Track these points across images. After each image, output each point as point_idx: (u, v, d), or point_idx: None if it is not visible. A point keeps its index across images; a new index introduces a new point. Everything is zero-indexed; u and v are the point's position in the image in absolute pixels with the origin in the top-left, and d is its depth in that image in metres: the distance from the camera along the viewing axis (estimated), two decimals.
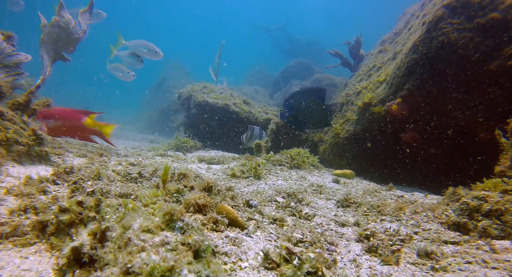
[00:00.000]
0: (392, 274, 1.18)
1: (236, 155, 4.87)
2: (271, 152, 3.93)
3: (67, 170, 2.16)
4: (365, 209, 2.02)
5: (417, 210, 1.92)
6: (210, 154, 4.75)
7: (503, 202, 1.68)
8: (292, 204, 1.89)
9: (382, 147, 4.22)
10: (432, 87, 3.38)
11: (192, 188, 1.62)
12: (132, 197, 1.79)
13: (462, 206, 1.79)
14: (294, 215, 1.79)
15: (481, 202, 1.75)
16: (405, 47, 3.83)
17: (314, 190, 2.58)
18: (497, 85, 3.02)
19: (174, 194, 1.47)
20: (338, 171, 3.69)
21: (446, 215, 1.81)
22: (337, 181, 3.12)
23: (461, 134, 3.45)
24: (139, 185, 2.27)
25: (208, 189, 1.59)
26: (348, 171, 3.66)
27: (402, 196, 2.68)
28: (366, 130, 4.22)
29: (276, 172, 3.31)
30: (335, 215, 1.94)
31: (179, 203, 1.42)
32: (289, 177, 3.18)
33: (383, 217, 1.87)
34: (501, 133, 2.22)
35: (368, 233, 1.47)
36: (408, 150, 3.87)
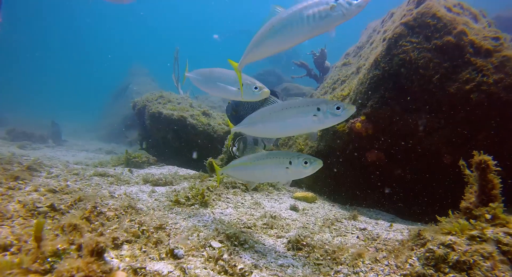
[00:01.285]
0: None
1: (191, 173, 4.46)
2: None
3: None
4: (319, 255, 1.71)
5: (378, 257, 1.65)
6: (161, 172, 4.30)
7: (471, 253, 1.43)
8: (225, 256, 1.53)
9: (348, 166, 4.01)
10: (396, 105, 3.21)
11: (79, 247, 1.21)
12: None
13: (427, 254, 1.54)
14: (225, 272, 1.43)
15: (448, 250, 1.50)
16: (368, 62, 3.66)
17: (264, 224, 2.25)
18: (457, 108, 2.88)
19: (49, 259, 1.07)
20: (299, 194, 3.41)
21: (410, 265, 1.55)
22: (295, 209, 2.81)
23: (426, 155, 3.30)
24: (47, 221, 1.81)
25: (98, 252, 1.17)
26: (309, 195, 3.39)
27: (364, 229, 2.42)
28: (330, 147, 4.00)
29: (227, 197, 2.95)
30: (281, 265, 1.61)
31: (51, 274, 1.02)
32: (242, 203, 2.84)
33: (338, 268, 1.57)
34: (465, 164, 2.02)
35: None
36: (376, 171, 3.68)
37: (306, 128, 1.86)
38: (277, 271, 1.52)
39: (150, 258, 1.49)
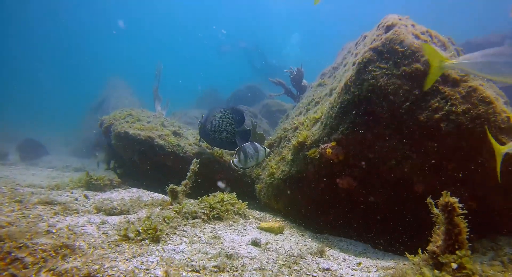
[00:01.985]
0: None
1: (156, 197, 4.18)
2: (186, 202, 3.33)
3: None
4: None
5: None
6: (123, 196, 4.00)
7: None
8: None
9: (319, 192, 3.84)
10: (366, 132, 3.09)
11: None
12: None
13: None
14: None
15: None
16: (339, 85, 3.56)
17: (215, 266, 2.01)
18: (428, 136, 2.79)
19: None
20: (264, 225, 3.19)
21: None
22: (256, 244, 2.58)
23: (399, 183, 3.18)
24: None
25: None
26: (275, 225, 3.17)
27: (328, 269, 2.22)
28: (301, 172, 3.83)
29: (184, 230, 2.69)
30: None
31: None
32: (199, 237, 2.59)
33: None
34: (433, 202, 1.88)
35: None
36: (348, 198, 3.52)
37: None
38: None
39: None
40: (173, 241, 2.44)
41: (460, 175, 2.81)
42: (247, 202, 3.73)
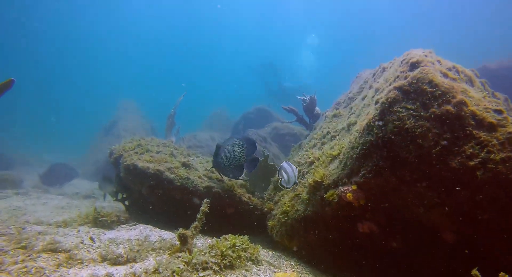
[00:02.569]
0: None
1: (165, 236, 3.97)
2: (197, 247, 3.11)
3: None
4: None
5: None
6: (130, 236, 3.79)
7: None
8: None
9: (337, 236, 3.59)
10: (391, 176, 2.86)
11: None
12: None
13: None
14: None
15: None
16: (359, 122, 3.38)
17: None
18: (460, 184, 2.55)
19: None
20: (279, 275, 2.93)
21: None
22: None
23: (426, 231, 2.92)
24: None
25: None
26: (292, 276, 2.92)
27: None
28: (317, 213, 3.59)
29: None
30: None
31: None
32: None
33: None
34: (479, 275, 1.64)
35: None
36: (368, 243, 3.27)
37: None
38: None
39: None
40: None
41: (497, 226, 2.55)
42: (260, 246, 3.48)
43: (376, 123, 2.85)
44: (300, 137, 11.01)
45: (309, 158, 4.39)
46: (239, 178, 4.40)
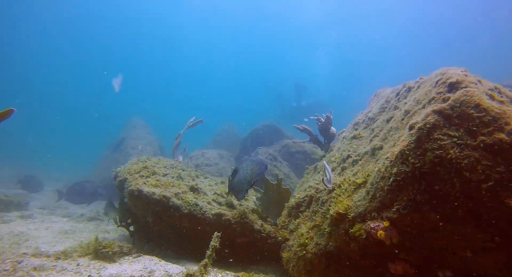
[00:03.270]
0: None
1: (171, 271, 3.59)
2: None
3: None
4: None
5: None
6: (133, 272, 3.43)
7: None
8: None
9: (364, 275, 3.17)
10: (430, 212, 2.47)
11: None
12: None
13: None
14: None
15: None
16: (390, 150, 3.02)
17: None
18: None
19: None
20: None
21: None
22: None
23: (472, 275, 2.50)
24: None
25: None
26: None
27: None
28: (341, 249, 3.19)
29: None
30: None
31: None
32: None
33: None
34: None
35: None
36: None
37: None
38: None
39: None
40: None
41: None
42: None
43: (412, 152, 2.50)
44: (310, 155, 10.63)
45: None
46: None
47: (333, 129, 6.00)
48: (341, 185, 3.66)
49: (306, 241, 3.67)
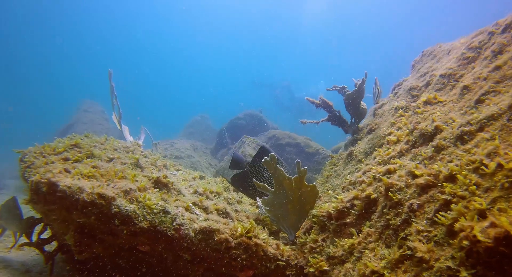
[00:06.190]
0: None
1: None
2: None
3: None
4: None
5: None
6: None
7: None
8: None
9: None
10: None
11: None
12: None
13: None
14: None
15: None
16: None
17: None
18: None
19: None
20: None
21: None
22: None
23: None
24: None
25: None
26: None
27: None
28: None
29: None
30: None
31: None
32: None
33: None
34: None
35: None
36: None
37: None
38: None
39: None
40: None
41: None
42: None
43: None
44: (304, 148, 8.90)
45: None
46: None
47: (363, 103, 4.27)
48: (457, 176, 1.87)
49: None
